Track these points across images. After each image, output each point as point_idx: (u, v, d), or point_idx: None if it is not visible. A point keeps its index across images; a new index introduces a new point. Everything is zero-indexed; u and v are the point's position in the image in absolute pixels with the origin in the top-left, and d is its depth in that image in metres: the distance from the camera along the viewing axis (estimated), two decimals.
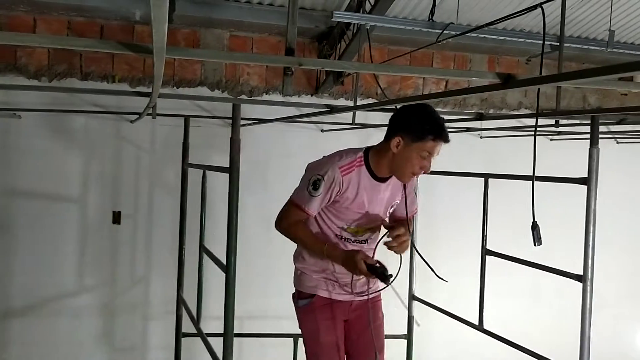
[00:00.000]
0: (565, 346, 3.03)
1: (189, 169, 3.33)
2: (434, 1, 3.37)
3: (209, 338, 2.56)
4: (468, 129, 4.12)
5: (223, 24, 4.00)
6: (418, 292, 3.65)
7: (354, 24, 3.51)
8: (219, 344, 2.19)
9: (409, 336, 3.79)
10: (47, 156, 3.95)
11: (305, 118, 3.39)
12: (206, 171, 2.86)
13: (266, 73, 4.24)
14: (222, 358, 2.14)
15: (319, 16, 3.79)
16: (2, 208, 3.94)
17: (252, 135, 4.17)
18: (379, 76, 4.13)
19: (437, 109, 2.36)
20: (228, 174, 2.10)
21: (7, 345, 3.99)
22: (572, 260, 2.44)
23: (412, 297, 3.72)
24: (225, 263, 2.15)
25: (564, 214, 4.05)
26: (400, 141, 2.26)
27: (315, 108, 3.00)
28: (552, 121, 3.30)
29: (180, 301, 3.43)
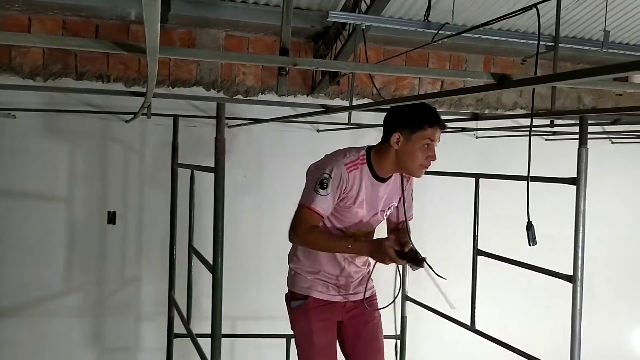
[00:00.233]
0: (557, 346, 3.03)
1: (181, 169, 3.31)
2: (430, 1, 3.37)
3: (201, 339, 2.51)
4: (464, 129, 4.13)
5: (219, 24, 3.99)
6: (410, 292, 3.66)
7: (350, 24, 3.50)
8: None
9: (402, 336, 3.80)
10: (42, 156, 3.93)
11: (301, 118, 3.39)
12: (196, 171, 2.82)
13: (262, 73, 4.24)
14: (210, 359, 2.11)
15: (315, 16, 3.79)
16: None
17: (248, 135, 4.17)
18: (375, 76, 4.13)
19: None
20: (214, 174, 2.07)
21: None
22: (565, 259, 2.44)
23: (405, 298, 3.73)
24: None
25: (557, 214, 4.06)
26: (399, 136, 2.27)
27: (311, 108, 3.00)
28: (547, 121, 3.30)
29: (171, 302, 3.42)
